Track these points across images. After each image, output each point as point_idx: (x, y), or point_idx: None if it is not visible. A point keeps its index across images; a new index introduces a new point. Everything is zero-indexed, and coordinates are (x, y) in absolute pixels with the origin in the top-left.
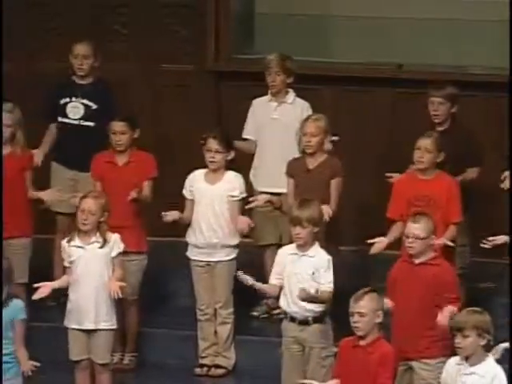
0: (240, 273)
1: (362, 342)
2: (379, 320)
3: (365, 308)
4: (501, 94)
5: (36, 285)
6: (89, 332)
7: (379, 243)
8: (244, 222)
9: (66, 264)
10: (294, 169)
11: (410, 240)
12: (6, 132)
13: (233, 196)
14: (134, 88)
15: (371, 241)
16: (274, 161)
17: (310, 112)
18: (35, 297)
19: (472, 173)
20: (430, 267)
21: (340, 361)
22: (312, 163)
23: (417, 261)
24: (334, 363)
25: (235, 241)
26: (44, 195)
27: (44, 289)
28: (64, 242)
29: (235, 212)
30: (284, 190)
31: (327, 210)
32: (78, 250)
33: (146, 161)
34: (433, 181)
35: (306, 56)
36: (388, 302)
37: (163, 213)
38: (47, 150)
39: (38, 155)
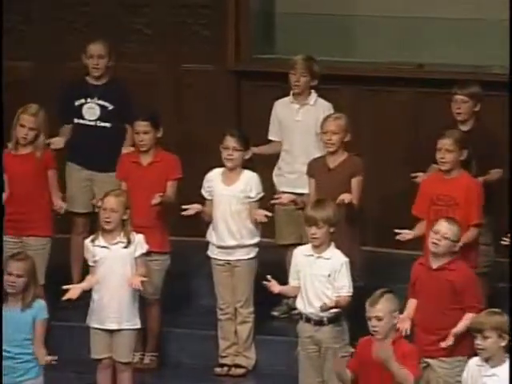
0: (269, 277)
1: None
2: (396, 321)
3: (382, 311)
4: None
5: (65, 287)
6: (112, 331)
7: (406, 234)
8: (260, 213)
9: (91, 263)
10: (315, 169)
11: (438, 237)
12: (29, 135)
13: (250, 197)
14: (155, 88)
15: (398, 231)
16: (297, 162)
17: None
18: (65, 297)
19: (496, 173)
20: (447, 272)
21: (357, 359)
22: (332, 162)
23: (434, 265)
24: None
25: (254, 240)
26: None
27: (74, 290)
28: (88, 242)
29: (253, 213)
30: (306, 191)
31: (347, 196)
32: (102, 250)
33: (170, 161)
34: (453, 181)
35: (325, 56)
36: (414, 302)
37: (183, 206)
38: (66, 139)
39: (60, 141)
